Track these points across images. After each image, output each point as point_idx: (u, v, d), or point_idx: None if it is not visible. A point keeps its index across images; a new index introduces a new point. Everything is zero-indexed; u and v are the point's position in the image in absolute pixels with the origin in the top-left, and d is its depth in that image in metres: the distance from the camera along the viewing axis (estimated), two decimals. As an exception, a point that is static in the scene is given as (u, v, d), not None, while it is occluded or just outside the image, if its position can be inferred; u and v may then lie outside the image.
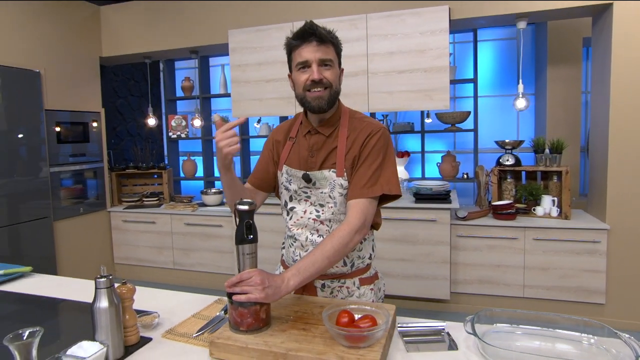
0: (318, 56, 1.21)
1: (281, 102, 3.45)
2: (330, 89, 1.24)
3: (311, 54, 1.21)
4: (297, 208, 1.34)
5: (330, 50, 1.24)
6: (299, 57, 1.24)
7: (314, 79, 1.21)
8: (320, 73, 1.22)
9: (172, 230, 3.86)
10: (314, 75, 1.21)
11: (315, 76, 1.21)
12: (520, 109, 3.09)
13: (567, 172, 3.03)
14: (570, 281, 2.95)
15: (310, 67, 1.22)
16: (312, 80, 1.22)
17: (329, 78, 1.23)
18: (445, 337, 1.17)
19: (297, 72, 1.25)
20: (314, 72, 1.21)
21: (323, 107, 1.25)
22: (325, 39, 1.22)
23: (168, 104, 4.77)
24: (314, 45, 1.21)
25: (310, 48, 1.21)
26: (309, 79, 1.22)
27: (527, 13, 2.91)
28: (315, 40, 1.21)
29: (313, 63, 1.22)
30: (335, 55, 1.27)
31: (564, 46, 3.75)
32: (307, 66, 1.23)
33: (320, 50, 1.21)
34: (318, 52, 1.21)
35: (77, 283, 1.68)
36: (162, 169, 4.25)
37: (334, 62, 1.26)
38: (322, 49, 1.22)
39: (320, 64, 1.22)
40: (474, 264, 3.14)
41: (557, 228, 2.94)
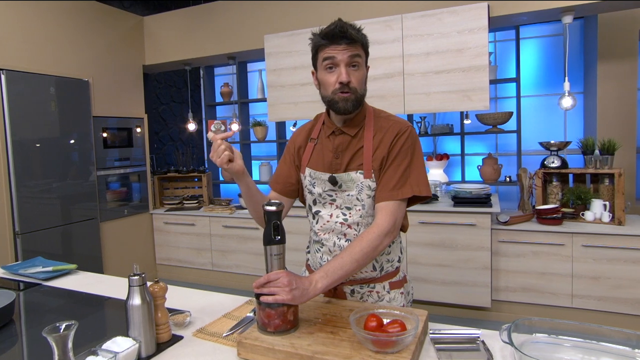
0: (347, 56, 1.18)
1: (316, 105, 3.45)
2: (356, 93, 1.21)
3: (340, 53, 1.18)
4: (322, 212, 1.31)
5: (359, 49, 1.20)
6: (325, 54, 1.20)
7: (342, 81, 1.18)
8: (348, 75, 1.18)
9: (210, 232, 3.95)
10: (343, 77, 1.18)
11: (344, 78, 1.18)
12: (566, 108, 2.93)
13: (620, 175, 2.83)
14: (626, 292, 2.75)
15: (338, 67, 1.19)
16: (340, 83, 1.18)
17: (354, 82, 1.20)
18: (480, 346, 1.11)
19: (324, 71, 1.21)
20: (343, 74, 1.18)
21: (349, 109, 1.22)
22: (356, 39, 1.19)
23: (207, 109, 4.91)
24: (343, 45, 1.17)
25: (340, 48, 1.18)
26: (337, 80, 1.19)
27: (573, 6, 2.76)
28: (345, 42, 1.17)
29: (342, 63, 1.18)
30: (364, 54, 1.23)
31: (617, 40, 3.52)
32: (335, 65, 1.19)
33: (350, 50, 1.18)
34: (347, 52, 1.17)
35: (118, 281, 1.74)
36: (201, 172, 4.37)
37: (362, 61, 1.22)
38: (351, 48, 1.18)
39: (349, 64, 1.19)
40: (517, 271, 2.99)
41: (610, 234, 2.75)
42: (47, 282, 1.72)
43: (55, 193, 3.28)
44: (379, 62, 3.18)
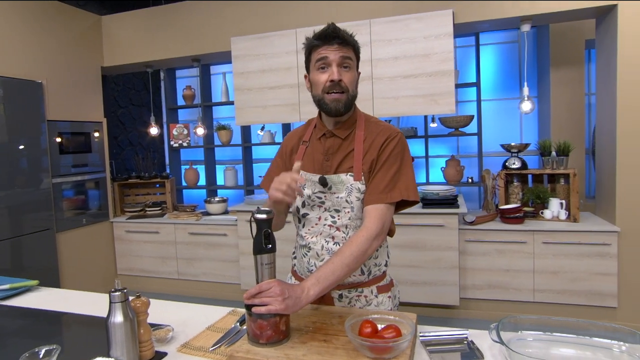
0: (339, 55, 1.20)
1: (285, 109, 3.43)
2: (348, 93, 1.23)
3: (332, 53, 1.20)
4: (310, 215, 1.30)
5: (351, 52, 1.24)
6: (318, 54, 1.22)
7: (333, 79, 1.20)
8: (339, 74, 1.21)
9: (175, 240, 3.82)
10: (334, 75, 1.20)
11: (335, 76, 1.20)
12: (525, 111, 3.08)
13: (574, 175, 3.01)
14: (581, 285, 2.91)
15: (330, 67, 1.21)
16: (332, 81, 1.21)
17: (346, 82, 1.22)
18: (468, 345, 1.14)
19: (316, 71, 1.24)
20: (334, 72, 1.20)
21: (340, 110, 1.24)
22: (347, 41, 1.22)
23: (169, 113, 4.76)
24: (335, 46, 1.20)
25: (332, 48, 1.20)
26: (329, 79, 1.21)
27: (531, 16, 2.91)
28: (337, 42, 1.20)
29: (333, 63, 1.21)
30: (355, 58, 1.26)
31: (567, 49, 3.75)
32: (327, 65, 1.21)
33: (342, 51, 1.21)
34: (339, 52, 1.20)
35: (85, 296, 1.64)
36: (164, 178, 4.22)
37: (353, 63, 1.25)
38: (343, 49, 1.21)
39: (340, 64, 1.21)
40: (483, 269, 3.10)
41: (566, 231, 2.91)
42: (5, 302, 1.59)
43: (3, 203, 3.04)
44: (347, 66, 3.20)
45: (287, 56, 3.35)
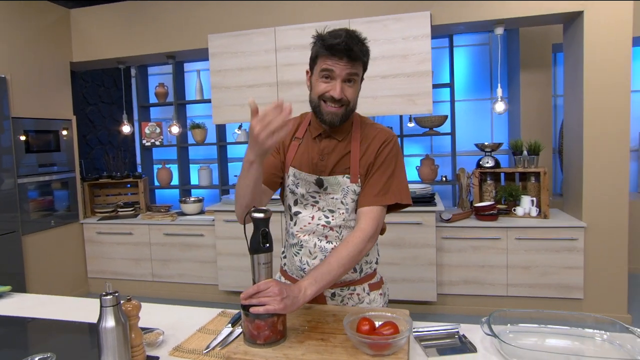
0: (345, 72, 1.16)
1: (263, 107, 3.39)
2: (348, 106, 1.21)
3: (339, 69, 1.16)
4: (303, 213, 1.30)
5: (359, 66, 1.20)
6: (324, 64, 1.17)
7: (335, 97, 1.17)
8: (342, 92, 1.17)
9: (150, 241, 3.72)
10: (337, 93, 1.17)
11: (337, 95, 1.17)
12: (499, 112, 3.18)
13: (545, 173, 3.14)
14: (551, 278, 3.04)
15: (334, 81, 1.17)
16: (332, 97, 1.18)
17: (348, 96, 1.19)
18: (460, 339, 1.16)
19: (319, 78, 1.20)
20: (337, 89, 1.17)
21: (335, 124, 1.22)
22: (358, 58, 1.17)
23: (141, 111, 4.62)
24: (344, 61, 1.15)
25: (340, 63, 1.16)
26: (329, 93, 1.18)
27: (504, 19, 3.01)
28: (346, 59, 1.15)
29: (338, 78, 1.17)
30: (362, 71, 1.23)
31: (535, 52, 3.90)
32: (331, 78, 1.18)
33: (349, 67, 1.16)
34: (346, 69, 1.16)
35: (62, 302, 1.57)
36: (137, 177, 4.10)
37: (358, 78, 1.22)
38: (352, 66, 1.17)
39: (345, 79, 1.18)
40: (459, 265, 3.19)
41: (538, 227, 3.03)
42: (-23, 309, 1.50)
43: (-34, 205, 2.88)
44: (327, 66, 3.21)
45: (266, 54, 3.32)
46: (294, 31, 3.27)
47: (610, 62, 2.85)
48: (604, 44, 2.85)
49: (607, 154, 2.92)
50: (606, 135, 2.91)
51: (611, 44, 2.84)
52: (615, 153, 2.91)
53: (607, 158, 2.93)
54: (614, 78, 2.85)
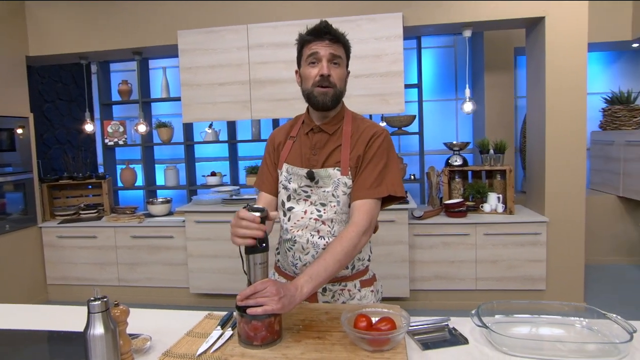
0: (329, 51, 1.24)
1: (235, 106, 3.35)
2: (336, 88, 1.27)
3: (323, 49, 1.24)
4: (296, 208, 1.30)
5: (341, 50, 1.28)
6: (309, 50, 1.26)
7: (323, 73, 1.24)
8: (329, 69, 1.24)
9: (116, 244, 3.57)
10: (324, 70, 1.24)
11: (325, 71, 1.24)
12: (467, 112, 3.29)
13: (510, 171, 3.28)
14: (517, 271, 3.18)
15: (320, 62, 1.24)
16: (321, 75, 1.24)
17: (335, 78, 1.26)
18: (450, 332, 1.19)
19: (307, 66, 1.27)
20: (324, 67, 1.24)
21: (327, 104, 1.27)
22: (338, 38, 1.26)
23: (103, 109, 4.43)
24: (326, 42, 1.24)
25: (323, 44, 1.24)
26: (319, 73, 1.24)
27: (472, 23, 3.11)
28: (328, 38, 1.24)
29: (323, 58, 1.24)
30: (345, 56, 1.30)
31: (498, 55, 4.07)
32: (317, 60, 1.25)
33: (332, 47, 1.24)
34: (330, 49, 1.24)
35: (21, 310, 1.49)
36: (101, 178, 3.92)
37: (343, 61, 1.29)
38: (334, 46, 1.25)
39: (330, 60, 1.25)
40: (430, 261, 3.27)
41: (504, 223, 3.16)
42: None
43: None
44: (300, 65, 3.20)
45: (238, 52, 3.27)
46: (267, 29, 3.24)
47: (569, 65, 3.02)
48: (564, 48, 3.01)
49: (567, 153, 3.09)
50: (566, 135, 3.08)
51: (570, 49, 3.01)
52: (574, 152, 3.09)
53: (566, 157, 3.10)
54: (572, 81, 3.02)
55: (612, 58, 4.60)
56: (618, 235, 4.15)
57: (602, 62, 4.60)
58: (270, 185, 1.38)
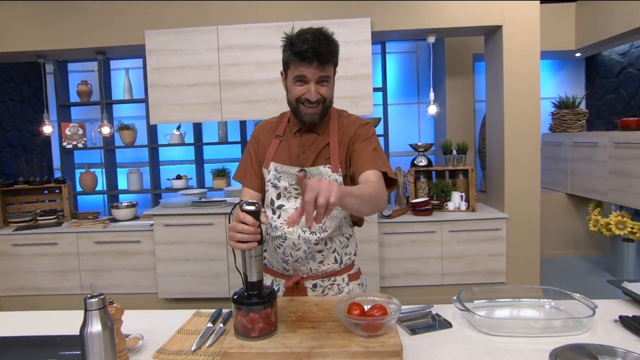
0: (317, 75, 1.21)
1: (205, 107, 3.32)
2: (324, 103, 1.26)
3: (310, 73, 1.21)
4: (286, 206, 1.32)
5: (330, 69, 1.24)
6: (297, 71, 1.22)
7: (310, 99, 1.23)
8: (316, 93, 1.22)
9: (78, 251, 3.42)
10: (311, 96, 1.22)
11: (312, 98, 1.22)
12: (432, 114, 3.44)
13: (472, 170, 3.46)
14: (479, 265, 3.35)
15: (308, 84, 1.22)
16: (308, 99, 1.23)
17: (324, 94, 1.25)
18: (433, 318, 1.27)
19: (294, 83, 1.25)
20: (312, 92, 1.22)
21: (315, 122, 1.28)
22: (328, 61, 1.21)
23: (61, 111, 4.23)
24: (314, 66, 1.19)
25: (311, 68, 1.20)
26: (305, 96, 1.23)
27: (436, 29, 3.27)
28: (316, 63, 1.19)
29: (311, 82, 1.22)
30: (333, 71, 1.28)
31: (458, 61, 4.28)
32: (305, 82, 1.23)
33: (321, 70, 1.21)
34: (317, 73, 1.21)
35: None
36: (60, 182, 3.75)
37: (331, 78, 1.27)
38: (322, 69, 1.21)
39: (318, 81, 1.23)
40: (399, 259, 3.38)
41: (467, 220, 3.33)
42: None
43: None
44: (272, 67, 3.24)
45: (208, 53, 3.25)
46: (238, 31, 3.24)
47: (524, 72, 3.24)
48: (519, 55, 3.23)
49: (523, 154, 3.31)
50: (522, 138, 3.29)
51: (524, 56, 3.23)
52: (529, 153, 3.31)
53: (523, 157, 3.31)
54: (527, 86, 3.24)
55: (559, 66, 4.95)
56: (567, 230, 4.47)
57: (550, 70, 4.94)
58: (253, 181, 1.38)
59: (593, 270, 4.09)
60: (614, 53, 4.45)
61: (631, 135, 3.41)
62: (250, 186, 1.39)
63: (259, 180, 1.39)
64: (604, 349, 1.03)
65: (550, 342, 1.08)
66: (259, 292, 1.10)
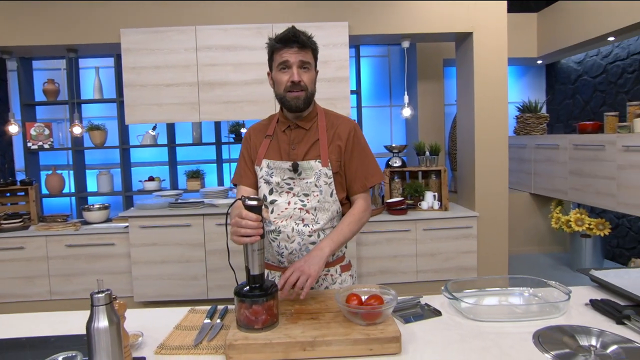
0: (298, 58, 1.32)
1: (183, 107, 3.29)
2: (307, 91, 1.35)
3: (292, 56, 1.32)
4: (279, 200, 1.38)
5: (309, 55, 1.36)
6: (280, 58, 1.33)
7: (293, 80, 1.32)
8: (299, 75, 1.32)
9: (47, 255, 3.30)
10: (294, 77, 1.32)
11: (295, 78, 1.32)
12: (406, 117, 3.56)
13: (444, 171, 3.60)
14: (452, 262, 3.49)
15: (291, 69, 1.32)
16: (292, 82, 1.32)
17: (306, 81, 1.35)
18: (422, 308, 1.34)
19: (278, 72, 1.35)
20: (294, 74, 1.32)
21: (300, 107, 1.36)
22: (306, 44, 1.34)
23: (25, 110, 4.07)
24: (295, 49, 1.32)
25: (292, 51, 1.32)
26: (289, 79, 1.32)
27: (411, 34, 3.39)
28: (296, 46, 1.32)
29: (294, 65, 1.32)
30: (313, 59, 1.38)
31: (429, 65, 4.44)
32: (288, 67, 1.33)
33: (301, 54, 1.33)
34: (298, 55, 1.32)
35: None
36: (27, 184, 3.60)
37: (312, 65, 1.38)
38: (302, 53, 1.33)
39: (300, 66, 1.33)
40: (375, 257, 3.46)
41: (440, 218, 3.46)
42: None
43: None
44: (250, 68, 3.25)
45: (186, 53, 3.22)
46: (217, 31, 3.24)
47: (493, 76, 3.41)
48: (489, 61, 3.40)
49: (492, 155, 3.48)
50: (491, 140, 3.46)
51: (494, 62, 3.40)
52: (498, 154, 3.48)
53: (492, 158, 3.48)
54: (496, 91, 3.42)
55: (522, 72, 5.22)
56: (531, 227, 4.71)
57: (514, 76, 5.20)
58: (249, 179, 1.46)
59: (555, 265, 4.33)
60: (571, 61, 4.74)
61: (588, 138, 3.66)
62: (246, 184, 1.45)
63: (254, 178, 1.45)
64: (580, 329, 1.13)
65: (532, 324, 1.17)
66: (261, 284, 1.13)
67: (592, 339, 1.08)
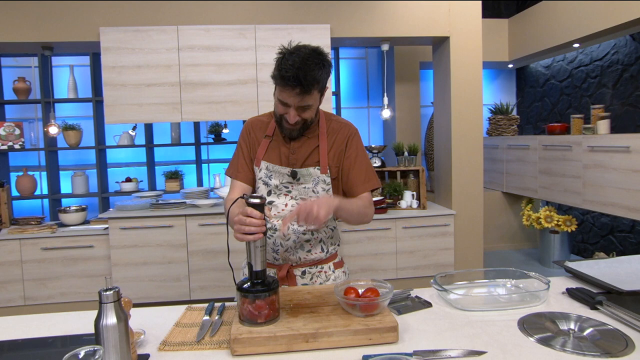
0: (297, 102, 1.25)
1: (165, 107, 3.26)
2: (305, 123, 1.33)
3: (291, 99, 1.24)
4: (276, 202, 1.41)
5: (313, 96, 1.26)
6: (280, 94, 1.27)
7: (290, 122, 1.29)
8: (295, 117, 1.28)
9: (21, 259, 3.20)
10: (290, 119, 1.28)
11: (291, 121, 1.29)
12: (386, 118, 3.65)
13: (422, 171, 3.71)
14: (431, 259, 3.60)
15: (289, 107, 1.27)
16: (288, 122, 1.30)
17: (305, 117, 1.30)
18: (413, 300, 1.41)
19: (277, 100, 1.30)
20: (291, 117, 1.27)
21: (294, 137, 1.37)
22: (310, 90, 1.22)
23: (-6, 108, 3.93)
24: (296, 92, 1.22)
25: (293, 93, 1.22)
26: (285, 116, 1.29)
27: (390, 38, 3.48)
28: (299, 89, 1.21)
29: (292, 107, 1.26)
30: (318, 95, 1.30)
31: (406, 68, 4.56)
32: (287, 105, 1.27)
33: (302, 98, 1.24)
34: (299, 100, 1.24)
35: None
36: (-2, 186, 3.48)
37: (315, 104, 1.30)
38: (305, 97, 1.23)
39: (299, 107, 1.27)
40: (357, 255, 3.54)
41: (419, 217, 3.56)
42: None
43: None
44: (233, 68, 3.26)
45: (167, 53, 3.20)
46: (199, 32, 3.23)
47: (469, 79, 3.54)
48: (465, 64, 3.53)
49: (468, 155, 3.61)
50: (467, 140, 3.60)
51: (469, 65, 3.53)
52: (474, 154, 3.62)
53: (468, 158, 3.62)
54: (471, 93, 3.55)
55: (494, 75, 5.43)
56: (503, 225, 4.91)
57: (487, 79, 5.40)
58: (246, 175, 1.44)
59: (526, 260, 4.53)
60: (540, 66, 4.97)
61: (557, 139, 3.85)
62: (243, 179, 1.44)
63: (251, 175, 1.45)
64: (559, 315, 1.22)
65: (516, 312, 1.26)
66: (263, 280, 1.17)
67: (570, 323, 1.17)
